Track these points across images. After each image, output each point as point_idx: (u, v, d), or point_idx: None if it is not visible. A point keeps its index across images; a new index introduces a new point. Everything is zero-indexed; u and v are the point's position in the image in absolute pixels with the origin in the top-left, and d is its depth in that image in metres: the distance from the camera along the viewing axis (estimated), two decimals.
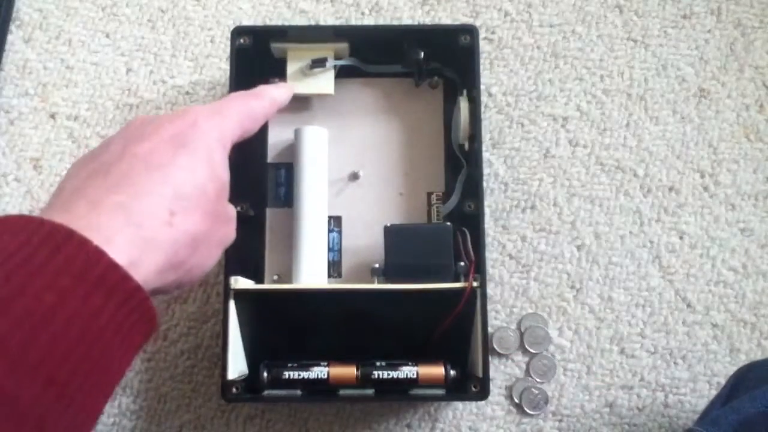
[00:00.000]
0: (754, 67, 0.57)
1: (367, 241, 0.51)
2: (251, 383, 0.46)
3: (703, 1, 0.58)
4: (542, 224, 0.55)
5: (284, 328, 0.49)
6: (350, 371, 0.45)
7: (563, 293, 0.54)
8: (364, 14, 0.58)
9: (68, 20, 0.58)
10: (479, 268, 0.46)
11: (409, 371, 0.45)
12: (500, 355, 0.53)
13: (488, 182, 0.55)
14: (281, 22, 0.58)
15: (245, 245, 0.48)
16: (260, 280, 0.50)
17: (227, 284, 0.45)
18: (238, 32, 0.49)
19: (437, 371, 0.45)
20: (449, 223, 0.48)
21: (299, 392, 0.46)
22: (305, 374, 0.45)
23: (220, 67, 0.57)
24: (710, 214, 0.55)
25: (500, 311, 0.54)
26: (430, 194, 0.52)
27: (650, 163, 0.56)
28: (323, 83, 0.50)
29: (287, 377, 0.45)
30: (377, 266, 0.47)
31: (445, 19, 0.58)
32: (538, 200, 0.55)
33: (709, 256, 0.54)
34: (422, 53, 0.50)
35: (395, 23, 0.57)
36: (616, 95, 0.57)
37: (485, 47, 0.57)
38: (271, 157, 0.52)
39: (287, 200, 0.51)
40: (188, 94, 0.57)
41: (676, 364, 0.53)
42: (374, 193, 0.52)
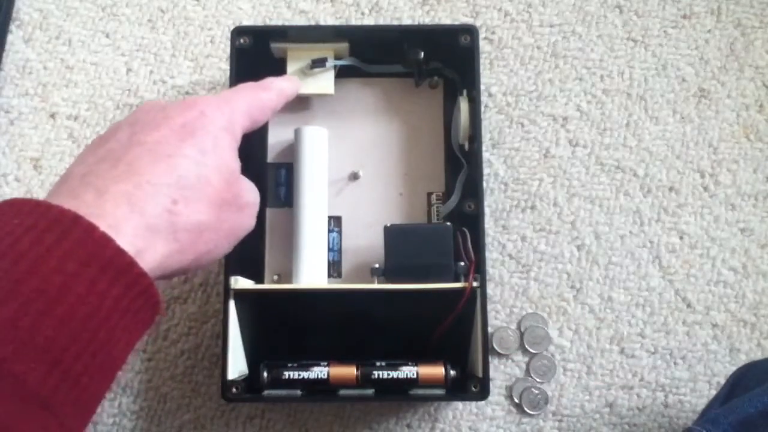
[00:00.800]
0: (754, 67, 0.57)
1: (367, 241, 0.51)
2: (251, 383, 0.46)
3: (703, 1, 0.58)
4: (542, 224, 0.55)
5: (284, 328, 0.49)
6: (350, 371, 0.45)
7: (563, 293, 0.54)
8: (364, 14, 0.58)
9: (68, 20, 0.58)
10: (479, 268, 0.46)
11: (409, 371, 0.45)
12: (500, 355, 0.53)
13: (488, 182, 0.55)
14: (281, 22, 0.58)
15: (245, 245, 0.48)
16: (260, 280, 0.50)
17: (227, 284, 0.45)
18: (238, 32, 0.49)
19: (437, 371, 0.45)
20: (449, 223, 0.48)
21: (299, 392, 0.46)
22: (305, 374, 0.45)
23: (220, 67, 0.57)
24: (710, 214, 0.55)
25: (500, 311, 0.54)
26: (430, 194, 0.52)
27: (650, 163, 0.56)
28: (323, 83, 0.50)
29: (287, 377, 0.45)
30: (377, 266, 0.47)
31: (445, 19, 0.58)
32: (538, 200, 0.55)
33: (709, 256, 0.54)
34: (422, 53, 0.50)
35: (395, 23, 0.57)
36: (616, 95, 0.57)
37: (485, 47, 0.57)
38: (271, 157, 0.52)
39: (287, 200, 0.51)
40: (188, 94, 0.57)
41: (676, 364, 0.53)
42: (374, 193, 0.52)
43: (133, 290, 0.29)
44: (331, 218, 0.51)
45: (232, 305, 0.45)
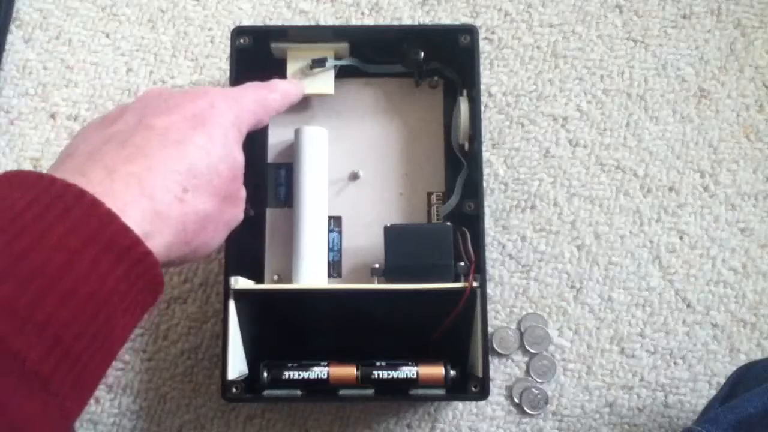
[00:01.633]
0: (754, 67, 0.57)
1: (367, 241, 0.51)
2: (251, 383, 0.46)
3: (703, 1, 0.58)
4: (542, 224, 0.55)
5: (284, 328, 0.49)
6: (350, 371, 0.45)
7: (563, 293, 0.54)
8: (364, 14, 0.58)
9: (68, 20, 0.58)
10: (479, 268, 0.46)
11: (409, 371, 0.45)
12: (500, 355, 0.53)
13: (488, 182, 0.55)
14: (281, 22, 0.58)
15: (245, 245, 0.48)
16: (260, 280, 0.50)
17: (227, 284, 0.45)
18: (238, 32, 0.49)
19: (437, 371, 0.45)
20: (449, 223, 0.48)
21: (299, 392, 0.46)
22: (305, 374, 0.45)
23: (220, 67, 0.57)
24: (710, 214, 0.55)
25: (500, 311, 0.54)
26: (430, 194, 0.52)
27: (650, 163, 0.56)
28: (323, 83, 0.50)
29: (287, 377, 0.45)
30: (377, 266, 0.47)
31: (445, 19, 0.58)
32: (538, 200, 0.55)
33: (709, 256, 0.54)
34: (422, 53, 0.50)
35: (395, 23, 0.57)
36: (616, 95, 0.57)
37: (485, 47, 0.57)
38: (271, 157, 0.52)
39: (287, 200, 0.51)
40: None
41: (676, 364, 0.53)
42: (374, 193, 0.52)
43: (136, 269, 0.29)
44: (331, 218, 0.51)
45: (232, 305, 0.45)
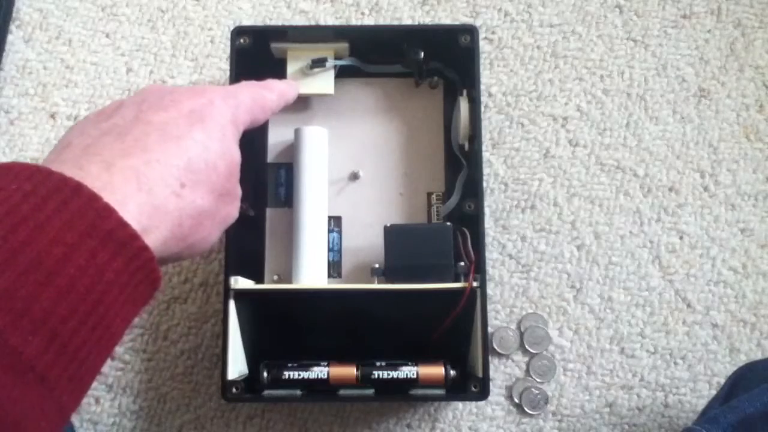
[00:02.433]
0: (754, 67, 0.57)
1: (367, 241, 0.51)
2: (251, 383, 0.46)
3: (703, 1, 0.58)
4: (542, 224, 0.55)
5: (284, 328, 0.49)
6: (350, 371, 0.45)
7: (563, 293, 0.54)
8: (364, 14, 0.58)
9: (68, 20, 0.58)
10: (479, 268, 0.46)
11: (409, 371, 0.45)
12: (500, 355, 0.53)
13: (488, 182, 0.55)
14: (281, 22, 0.58)
15: (245, 245, 0.48)
16: (260, 280, 0.50)
17: (227, 284, 0.45)
18: (238, 32, 0.49)
19: (437, 371, 0.45)
20: (449, 223, 0.48)
21: (299, 392, 0.46)
22: (305, 374, 0.45)
23: (220, 67, 0.57)
24: (710, 214, 0.55)
25: (500, 311, 0.54)
26: (430, 194, 0.52)
27: (650, 163, 0.56)
28: (323, 83, 0.50)
29: (287, 377, 0.45)
30: (377, 266, 0.47)
31: (445, 19, 0.58)
32: (538, 200, 0.55)
33: (709, 256, 0.54)
34: (422, 53, 0.50)
35: (395, 23, 0.57)
36: (616, 95, 0.57)
37: (485, 47, 0.57)
38: (271, 157, 0.52)
39: (287, 200, 0.51)
40: None
41: (676, 364, 0.53)
42: (374, 193, 0.52)
43: (134, 264, 0.29)
44: (331, 218, 0.51)
45: (232, 305, 0.45)
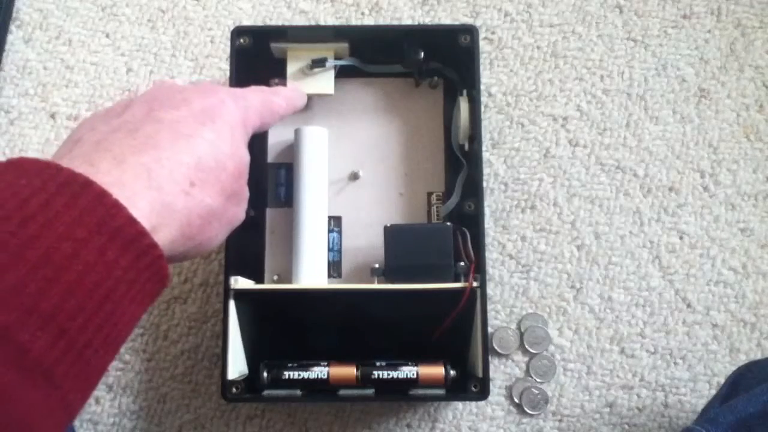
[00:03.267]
0: (754, 67, 0.57)
1: (367, 241, 0.51)
2: (251, 383, 0.46)
3: (703, 1, 0.58)
4: (542, 224, 0.55)
5: (284, 328, 0.49)
6: (350, 371, 0.45)
7: (563, 293, 0.54)
8: (364, 14, 0.58)
9: (68, 20, 0.58)
10: (479, 268, 0.46)
11: (409, 371, 0.45)
12: (500, 355, 0.53)
13: (488, 182, 0.55)
14: (281, 22, 0.58)
15: (245, 245, 0.48)
16: (260, 280, 0.50)
17: (227, 284, 0.45)
18: (238, 32, 0.49)
19: (437, 371, 0.45)
20: (449, 223, 0.48)
21: (299, 392, 0.46)
22: (305, 374, 0.45)
23: (220, 67, 0.57)
24: (710, 214, 0.55)
25: (500, 311, 0.54)
26: (430, 194, 0.52)
27: (650, 163, 0.56)
28: (323, 83, 0.50)
29: (287, 377, 0.45)
30: (377, 266, 0.47)
31: (445, 19, 0.58)
32: (538, 200, 0.55)
33: (709, 256, 0.54)
34: (422, 53, 0.50)
35: (395, 23, 0.57)
36: (616, 95, 0.57)
37: (485, 47, 0.57)
38: (271, 157, 0.52)
39: (287, 200, 0.51)
40: None
41: (676, 364, 0.53)
42: (374, 193, 0.52)
43: (142, 261, 0.29)
44: (331, 218, 0.51)
45: (232, 305, 0.45)
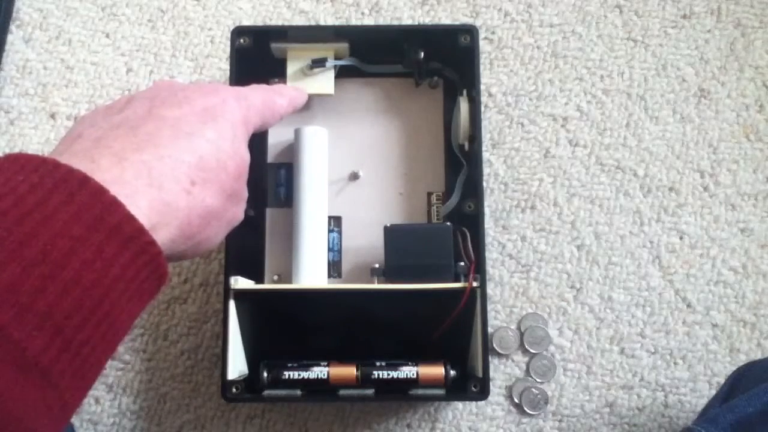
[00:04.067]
0: (754, 67, 0.57)
1: (367, 241, 0.51)
2: (251, 383, 0.46)
3: (703, 1, 0.58)
4: (542, 224, 0.55)
5: (284, 328, 0.49)
6: (350, 371, 0.45)
7: (563, 293, 0.54)
8: (364, 14, 0.58)
9: (68, 20, 0.58)
10: (479, 268, 0.46)
11: (409, 371, 0.45)
12: (500, 355, 0.53)
13: (488, 182, 0.55)
14: (281, 22, 0.58)
15: (245, 245, 0.48)
16: (260, 280, 0.50)
17: (227, 284, 0.45)
18: (238, 32, 0.49)
19: (437, 371, 0.45)
20: (449, 223, 0.48)
21: (299, 392, 0.46)
22: (305, 374, 0.45)
23: (220, 67, 0.57)
24: (710, 214, 0.55)
25: (500, 311, 0.54)
26: (430, 194, 0.52)
27: (650, 163, 0.56)
28: (323, 83, 0.50)
29: (287, 377, 0.45)
30: (377, 266, 0.47)
31: (445, 19, 0.58)
32: (538, 200, 0.55)
33: (709, 256, 0.54)
34: (422, 53, 0.50)
35: (395, 23, 0.57)
36: (616, 95, 0.57)
37: (485, 47, 0.57)
38: (271, 157, 0.52)
39: (287, 200, 0.51)
40: None
41: (676, 364, 0.53)
42: (374, 193, 0.52)
43: (141, 258, 0.28)
44: (331, 218, 0.51)
45: (232, 305, 0.45)
